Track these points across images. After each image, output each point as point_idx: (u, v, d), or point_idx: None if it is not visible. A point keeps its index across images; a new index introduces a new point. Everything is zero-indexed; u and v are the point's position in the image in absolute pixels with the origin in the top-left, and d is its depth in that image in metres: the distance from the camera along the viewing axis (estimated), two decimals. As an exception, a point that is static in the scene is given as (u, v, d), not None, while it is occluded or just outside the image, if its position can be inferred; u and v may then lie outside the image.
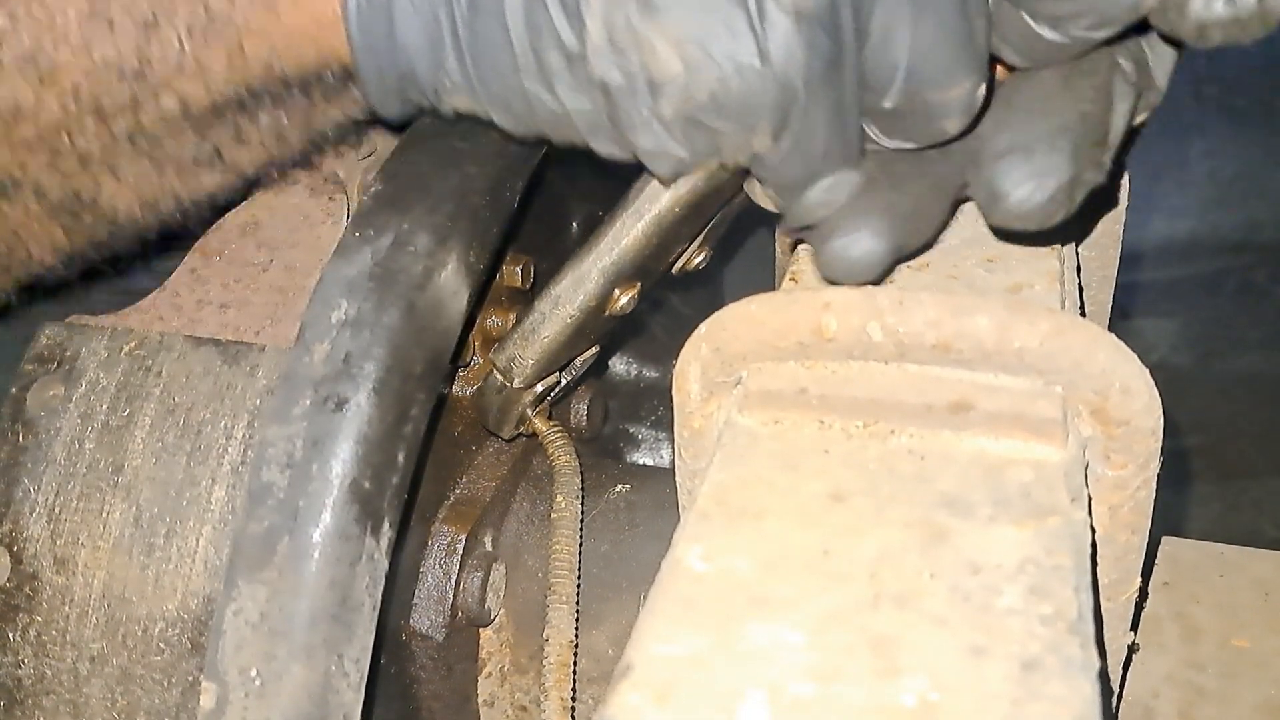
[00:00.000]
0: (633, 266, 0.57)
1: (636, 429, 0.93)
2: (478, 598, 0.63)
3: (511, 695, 0.67)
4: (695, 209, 0.54)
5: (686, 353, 0.43)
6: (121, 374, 0.53)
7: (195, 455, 0.51)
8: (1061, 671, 0.30)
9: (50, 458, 0.52)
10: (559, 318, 0.58)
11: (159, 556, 0.50)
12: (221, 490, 0.50)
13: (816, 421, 0.40)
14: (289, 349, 0.48)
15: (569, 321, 0.58)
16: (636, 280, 0.58)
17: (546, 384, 0.63)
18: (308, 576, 0.45)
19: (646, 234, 0.55)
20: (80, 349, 0.54)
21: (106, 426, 0.52)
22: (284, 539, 0.45)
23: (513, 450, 0.70)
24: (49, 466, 0.52)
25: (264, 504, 0.45)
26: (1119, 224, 0.59)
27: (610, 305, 0.59)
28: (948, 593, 0.33)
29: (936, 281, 0.47)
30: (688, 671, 0.32)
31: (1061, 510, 0.36)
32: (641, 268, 0.57)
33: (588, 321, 0.59)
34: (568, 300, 0.58)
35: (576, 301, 0.57)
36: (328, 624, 0.45)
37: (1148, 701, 0.60)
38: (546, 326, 0.59)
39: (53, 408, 0.53)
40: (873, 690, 0.31)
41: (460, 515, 0.64)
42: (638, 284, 0.59)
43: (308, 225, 0.55)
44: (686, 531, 0.37)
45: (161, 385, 0.52)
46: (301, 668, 0.44)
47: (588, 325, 0.59)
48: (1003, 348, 0.38)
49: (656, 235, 0.55)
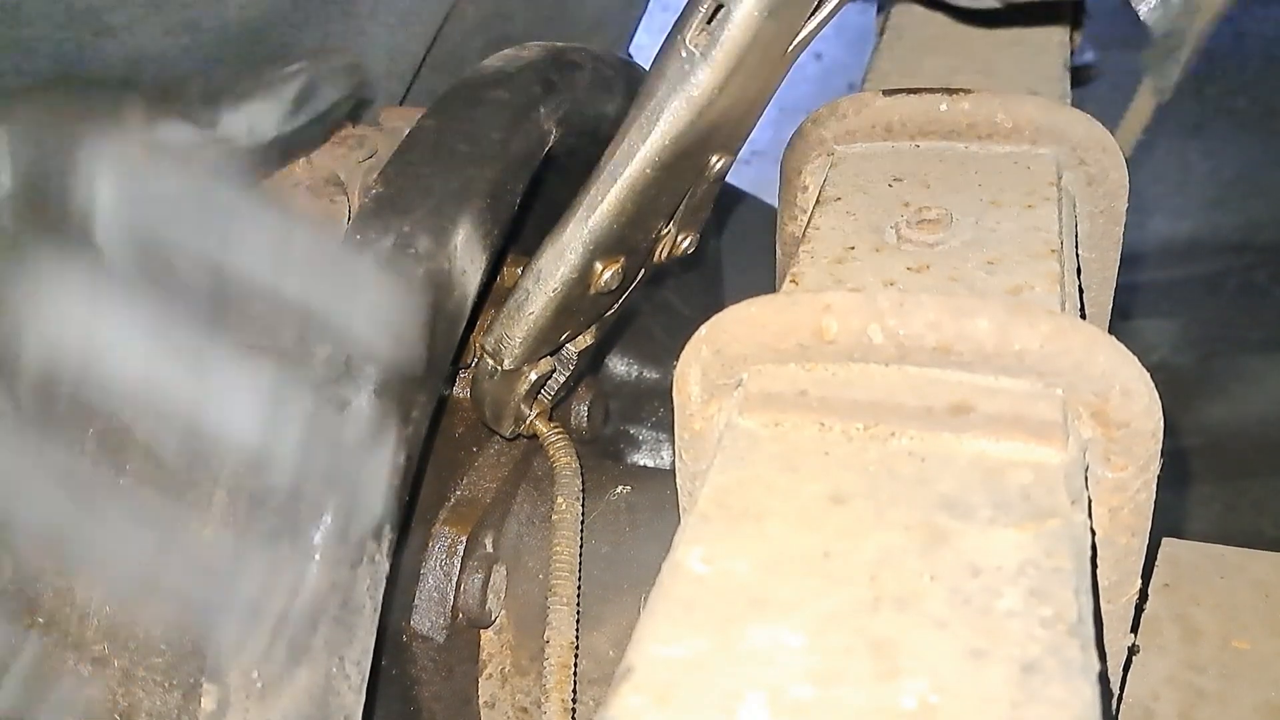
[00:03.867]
0: (611, 236, 0.57)
1: (637, 430, 0.93)
2: (478, 599, 0.63)
3: (512, 696, 0.67)
4: (667, 172, 0.55)
5: (687, 355, 0.43)
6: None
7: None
8: (1061, 674, 0.30)
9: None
10: (542, 292, 0.58)
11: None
12: (223, 492, 0.50)
13: (817, 424, 0.40)
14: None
15: (552, 295, 0.58)
16: (619, 254, 0.59)
17: (541, 371, 0.63)
18: (309, 579, 0.45)
19: (620, 199, 0.55)
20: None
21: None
22: (285, 541, 0.45)
23: (513, 452, 0.70)
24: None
25: (265, 506, 0.45)
26: (1119, 226, 0.59)
27: (594, 281, 0.59)
28: (948, 595, 0.33)
29: (937, 284, 0.47)
30: (688, 673, 0.32)
31: (1061, 512, 0.36)
32: (620, 238, 0.58)
33: (572, 297, 0.59)
34: (549, 274, 0.58)
35: (558, 274, 0.58)
36: (329, 626, 0.45)
37: (1148, 703, 0.60)
38: (531, 303, 0.59)
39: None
40: (873, 692, 0.31)
41: (461, 517, 0.64)
42: (620, 258, 0.59)
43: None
44: (687, 534, 0.37)
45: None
46: (303, 669, 0.44)
47: (573, 301, 0.59)
48: (1003, 350, 0.38)
49: (631, 200, 0.55)
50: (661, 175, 0.55)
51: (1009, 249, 0.49)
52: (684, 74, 0.52)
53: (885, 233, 0.51)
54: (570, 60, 0.61)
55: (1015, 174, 0.55)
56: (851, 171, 0.57)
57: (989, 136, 0.57)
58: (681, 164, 0.56)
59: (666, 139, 0.53)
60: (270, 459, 0.46)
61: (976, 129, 0.57)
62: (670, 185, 0.57)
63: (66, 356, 0.45)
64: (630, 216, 0.57)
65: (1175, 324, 2.08)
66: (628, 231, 0.58)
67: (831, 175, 0.58)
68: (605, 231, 0.56)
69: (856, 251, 0.50)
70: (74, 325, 0.45)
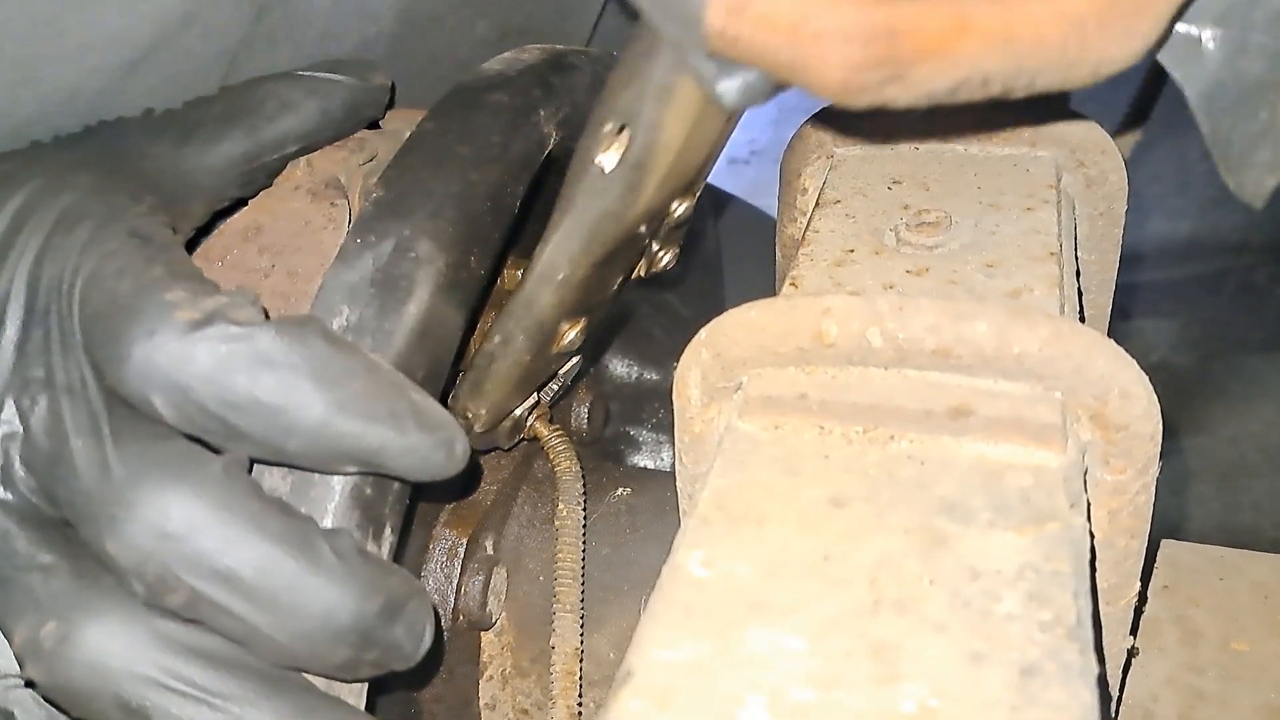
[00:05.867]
0: (559, 317, 0.55)
1: (637, 432, 0.93)
2: (479, 601, 0.63)
3: (513, 698, 0.67)
4: (611, 259, 0.52)
5: (687, 358, 0.43)
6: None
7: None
8: (1060, 677, 0.30)
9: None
10: (497, 371, 0.57)
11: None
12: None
13: (817, 427, 0.41)
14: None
15: (508, 374, 0.57)
16: (578, 317, 0.57)
17: (525, 407, 0.63)
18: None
19: (560, 294, 0.53)
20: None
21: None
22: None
23: (514, 454, 0.70)
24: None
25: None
26: (1118, 228, 0.59)
27: (556, 343, 0.57)
28: (947, 598, 0.33)
29: (936, 287, 0.47)
30: (688, 677, 0.32)
31: (1060, 515, 0.36)
32: (576, 308, 0.55)
33: (533, 366, 0.58)
34: (501, 356, 0.56)
35: (510, 358, 0.56)
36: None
37: (1147, 705, 0.60)
38: (489, 381, 0.58)
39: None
40: (872, 696, 0.31)
41: (461, 519, 0.64)
42: (581, 320, 0.57)
43: (309, 231, 0.55)
44: (687, 537, 0.37)
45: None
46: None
47: (534, 368, 0.58)
48: (1002, 353, 0.38)
49: (572, 292, 0.53)
50: (603, 262, 0.52)
51: (1008, 252, 0.49)
52: (598, 192, 0.48)
53: (885, 235, 0.51)
54: (570, 63, 0.61)
55: (1014, 176, 0.55)
56: (851, 174, 0.58)
57: (988, 138, 0.57)
58: (626, 246, 0.52)
59: (595, 246, 0.50)
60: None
61: (976, 130, 0.57)
62: (621, 257, 0.55)
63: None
64: (577, 300, 0.54)
65: (1175, 324, 2.08)
66: (581, 303, 0.55)
67: (831, 178, 0.58)
68: (550, 317, 0.54)
69: (856, 254, 0.50)
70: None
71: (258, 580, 0.41)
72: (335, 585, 0.42)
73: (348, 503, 0.46)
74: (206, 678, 0.41)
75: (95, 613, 0.41)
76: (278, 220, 0.56)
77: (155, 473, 0.41)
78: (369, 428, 0.42)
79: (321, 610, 0.41)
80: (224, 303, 0.42)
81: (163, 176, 0.51)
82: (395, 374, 0.44)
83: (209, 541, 0.41)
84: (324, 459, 0.43)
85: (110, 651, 0.41)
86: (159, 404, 0.41)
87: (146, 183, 0.50)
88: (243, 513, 0.41)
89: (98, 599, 0.41)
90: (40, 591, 0.42)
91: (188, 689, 0.41)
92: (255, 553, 0.41)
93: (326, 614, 0.42)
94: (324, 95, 0.57)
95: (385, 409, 0.43)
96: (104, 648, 0.41)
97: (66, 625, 0.41)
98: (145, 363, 0.41)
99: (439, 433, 0.44)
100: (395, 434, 0.43)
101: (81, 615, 0.41)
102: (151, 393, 0.41)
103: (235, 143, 0.54)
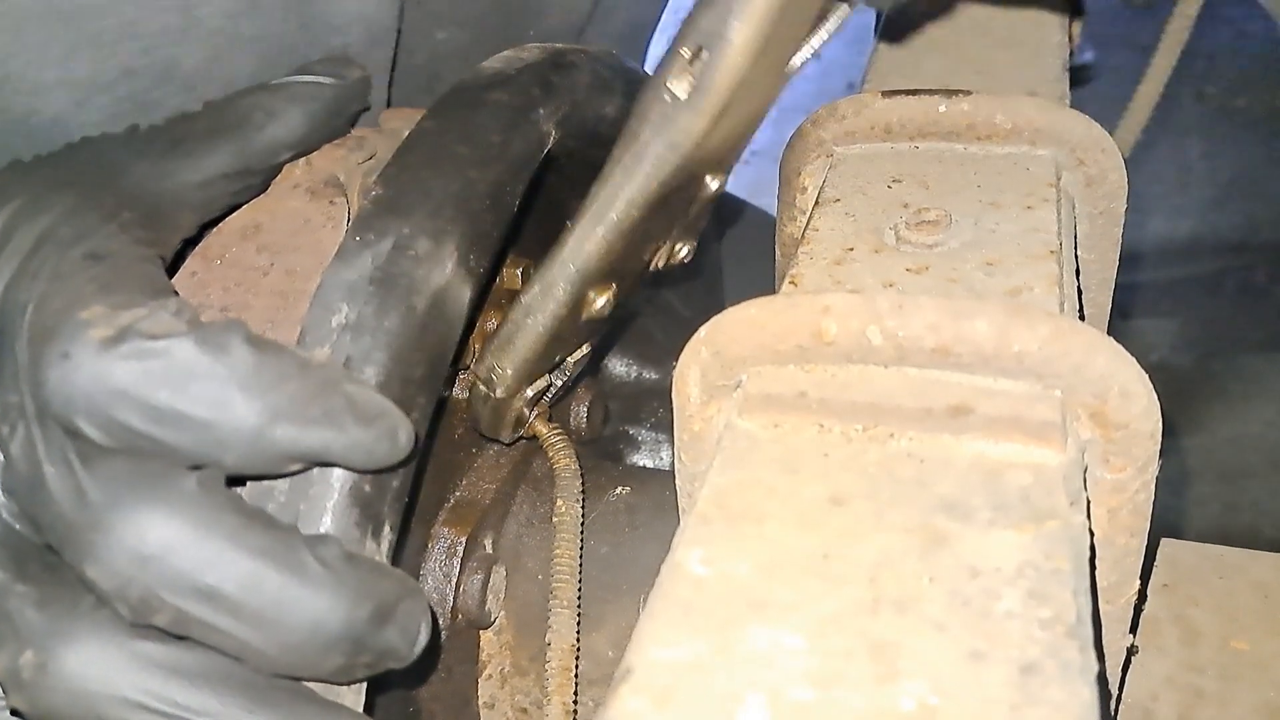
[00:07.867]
0: (600, 270, 0.56)
1: (636, 431, 0.93)
2: (478, 600, 0.63)
3: (512, 697, 0.67)
4: (655, 209, 0.54)
5: (686, 356, 0.43)
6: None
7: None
8: (1060, 675, 0.30)
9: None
10: (531, 327, 0.57)
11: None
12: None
13: (816, 425, 0.41)
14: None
15: (543, 330, 0.57)
16: (610, 282, 0.58)
17: (537, 388, 0.63)
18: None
19: (608, 238, 0.54)
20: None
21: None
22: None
23: (513, 453, 0.70)
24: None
25: (265, 507, 0.45)
26: (1118, 226, 0.59)
27: (586, 308, 0.58)
28: (947, 597, 0.33)
29: (936, 285, 0.47)
30: (687, 676, 0.32)
31: (1060, 514, 0.36)
32: (611, 269, 0.56)
33: (563, 327, 0.58)
34: (538, 308, 0.56)
35: (548, 309, 0.56)
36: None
37: (1147, 704, 0.60)
38: (520, 336, 0.58)
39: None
40: (872, 695, 0.31)
41: (460, 518, 0.64)
42: (613, 285, 0.58)
43: (308, 229, 0.55)
44: (686, 535, 0.37)
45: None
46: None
47: (564, 330, 0.58)
48: (1002, 352, 0.38)
49: (619, 239, 0.54)
50: (650, 213, 0.54)
51: (1008, 250, 0.49)
52: (667, 119, 0.49)
53: (884, 234, 0.51)
54: (569, 62, 0.61)
55: (1014, 175, 0.55)
56: (850, 173, 0.58)
57: (988, 137, 0.57)
58: (671, 199, 0.54)
59: (653, 183, 0.52)
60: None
61: (975, 130, 0.57)
62: (661, 217, 0.56)
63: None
64: (620, 252, 0.55)
65: (1175, 324, 2.08)
66: (618, 263, 0.56)
67: (830, 176, 0.58)
68: (593, 267, 0.55)
69: (856, 253, 0.50)
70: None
71: (242, 595, 0.40)
72: (322, 594, 0.41)
73: (347, 500, 0.45)
74: (189, 696, 0.41)
75: (70, 639, 0.41)
76: (277, 219, 0.56)
77: (129, 495, 0.40)
78: (305, 431, 0.41)
79: (310, 621, 0.41)
80: (141, 315, 0.41)
81: (145, 192, 0.51)
82: (328, 369, 0.44)
83: (188, 561, 0.40)
84: (266, 466, 0.43)
85: (89, 677, 0.40)
86: (84, 426, 0.40)
87: (126, 199, 0.49)
88: (220, 529, 0.41)
89: (73, 625, 0.41)
90: (18, 620, 0.41)
91: (170, 709, 0.41)
92: (237, 568, 0.41)
93: (315, 624, 0.41)
94: (306, 100, 0.57)
95: (320, 409, 0.42)
96: (82, 674, 0.40)
97: (44, 653, 0.41)
98: (63, 384, 0.40)
99: (379, 423, 0.43)
100: (334, 433, 0.42)
101: (57, 643, 0.41)
102: (75, 415, 0.40)
103: (222, 156, 0.54)
